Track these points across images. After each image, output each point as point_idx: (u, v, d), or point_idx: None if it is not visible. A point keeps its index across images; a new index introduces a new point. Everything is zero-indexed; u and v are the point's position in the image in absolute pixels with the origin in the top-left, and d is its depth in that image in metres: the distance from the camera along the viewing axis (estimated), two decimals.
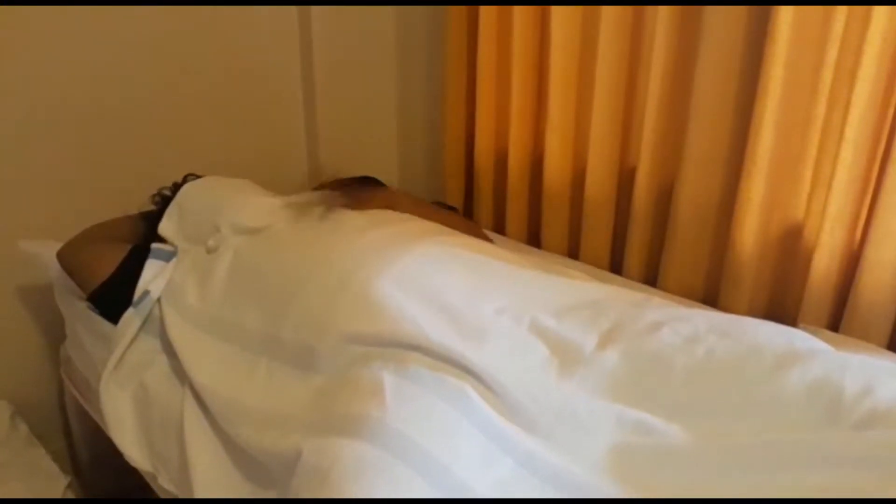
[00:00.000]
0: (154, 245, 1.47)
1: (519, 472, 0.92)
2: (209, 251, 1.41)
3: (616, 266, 1.74)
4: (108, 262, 1.43)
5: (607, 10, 1.56)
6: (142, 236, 1.58)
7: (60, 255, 1.49)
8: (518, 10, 1.73)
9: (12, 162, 1.67)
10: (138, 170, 1.83)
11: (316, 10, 1.99)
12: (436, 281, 1.23)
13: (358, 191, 1.62)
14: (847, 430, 0.93)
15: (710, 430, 0.98)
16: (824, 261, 1.34)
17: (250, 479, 1.06)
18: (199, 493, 1.07)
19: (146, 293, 1.37)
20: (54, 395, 1.88)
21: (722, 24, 1.39)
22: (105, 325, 1.43)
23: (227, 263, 1.36)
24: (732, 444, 0.94)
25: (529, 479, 0.92)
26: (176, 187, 1.61)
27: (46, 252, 1.56)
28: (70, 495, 1.54)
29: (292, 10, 2.01)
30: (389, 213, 1.49)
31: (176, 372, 1.27)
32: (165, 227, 1.52)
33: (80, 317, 1.52)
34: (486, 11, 1.82)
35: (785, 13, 1.27)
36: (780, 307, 1.47)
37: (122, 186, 1.80)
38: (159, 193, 1.63)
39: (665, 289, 1.59)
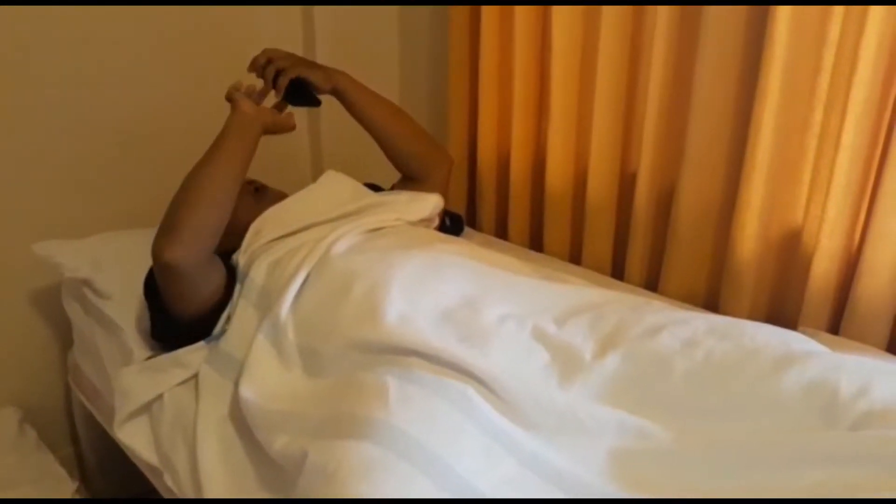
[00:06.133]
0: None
1: (522, 471, 0.94)
2: None
3: (618, 269, 1.76)
4: (216, 288, 1.33)
5: (608, 16, 1.58)
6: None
7: (183, 256, 1.25)
8: (519, 12, 1.74)
9: (25, 165, 1.69)
10: (143, 172, 1.84)
11: (318, 10, 2.00)
12: (438, 288, 1.24)
13: None
14: (843, 430, 0.94)
15: (709, 432, 0.99)
16: (823, 264, 1.35)
17: (263, 485, 1.07)
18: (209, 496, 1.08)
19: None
20: (62, 402, 1.89)
21: (720, 27, 1.40)
22: (121, 329, 1.43)
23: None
24: (730, 445, 0.96)
25: (533, 479, 0.93)
26: None
27: (60, 253, 1.56)
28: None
29: (295, 11, 2.02)
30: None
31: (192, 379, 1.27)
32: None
33: (94, 316, 1.52)
34: (487, 12, 1.83)
35: (782, 17, 1.28)
36: (781, 310, 1.48)
37: (130, 188, 1.82)
38: None
39: (666, 292, 1.60)
